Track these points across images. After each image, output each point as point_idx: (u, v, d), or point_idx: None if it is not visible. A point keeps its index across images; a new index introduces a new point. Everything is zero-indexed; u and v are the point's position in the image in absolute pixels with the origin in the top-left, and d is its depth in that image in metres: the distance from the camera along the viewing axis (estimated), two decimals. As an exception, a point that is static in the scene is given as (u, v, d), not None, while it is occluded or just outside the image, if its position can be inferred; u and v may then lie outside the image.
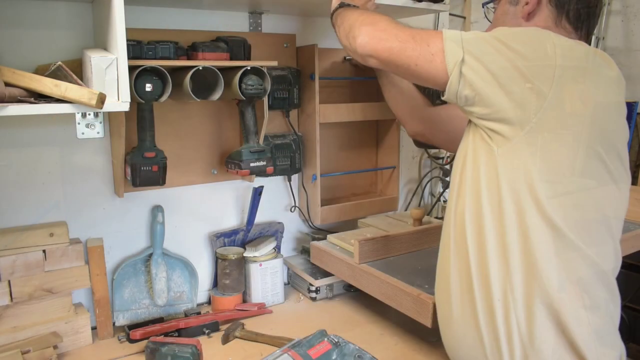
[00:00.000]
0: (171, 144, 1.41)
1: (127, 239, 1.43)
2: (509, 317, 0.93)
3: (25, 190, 1.27)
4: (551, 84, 0.87)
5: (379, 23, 1.02)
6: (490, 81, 0.89)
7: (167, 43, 1.24)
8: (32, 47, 1.21)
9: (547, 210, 0.90)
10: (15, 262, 1.21)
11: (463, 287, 1.00)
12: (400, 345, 1.33)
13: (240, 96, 1.32)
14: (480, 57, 0.90)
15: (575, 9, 1.02)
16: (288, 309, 1.54)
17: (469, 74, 0.90)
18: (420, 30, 0.98)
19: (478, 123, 0.95)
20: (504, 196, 0.92)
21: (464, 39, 0.92)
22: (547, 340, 0.92)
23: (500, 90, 0.89)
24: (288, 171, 1.60)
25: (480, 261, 0.96)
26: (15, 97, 0.93)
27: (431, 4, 1.47)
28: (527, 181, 0.90)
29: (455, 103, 0.96)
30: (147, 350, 1.19)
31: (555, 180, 0.90)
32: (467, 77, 0.90)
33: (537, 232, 0.91)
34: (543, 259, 0.91)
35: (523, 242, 0.92)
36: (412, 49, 0.95)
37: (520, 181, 0.90)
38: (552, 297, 0.91)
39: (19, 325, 1.23)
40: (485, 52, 0.90)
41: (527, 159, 0.90)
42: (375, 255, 1.41)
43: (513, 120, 0.89)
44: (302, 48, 1.59)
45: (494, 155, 0.92)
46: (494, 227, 0.94)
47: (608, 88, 0.94)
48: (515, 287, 0.93)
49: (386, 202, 1.80)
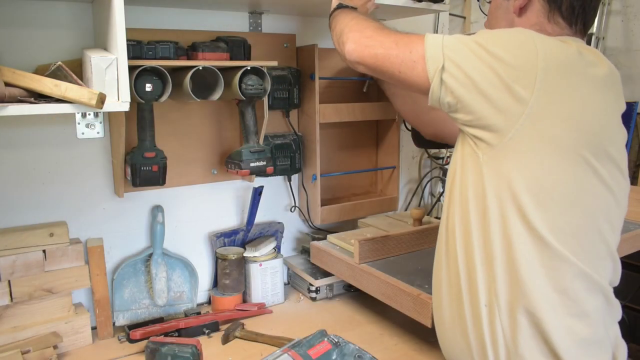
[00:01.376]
0: (171, 144, 1.41)
1: (127, 239, 1.43)
2: (494, 324, 0.93)
3: (25, 190, 1.27)
4: (532, 89, 0.84)
5: (366, 30, 1.01)
6: (471, 88, 0.87)
7: (167, 43, 1.24)
8: (32, 47, 1.21)
9: (530, 219, 0.88)
10: (15, 262, 1.21)
11: (452, 292, 1.00)
12: (400, 345, 1.33)
13: (240, 96, 1.32)
14: (460, 63, 0.88)
15: (569, 3, 0.98)
16: (288, 309, 1.54)
17: (449, 81, 0.89)
18: (404, 36, 0.96)
19: (463, 129, 0.94)
20: (489, 204, 0.91)
21: (445, 45, 0.90)
22: (530, 348, 0.91)
23: (481, 97, 0.87)
24: (288, 171, 1.60)
25: (468, 267, 0.95)
26: (15, 97, 0.93)
27: (431, 4, 1.47)
28: (511, 189, 0.88)
29: (440, 109, 0.95)
30: (147, 350, 1.19)
31: (539, 189, 0.87)
32: (448, 84, 0.89)
33: (520, 241, 0.89)
34: (526, 267, 0.89)
35: (506, 250, 0.90)
36: (395, 56, 0.94)
37: (504, 189, 0.89)
38: (534, 305, 0.89)
39: (19, 325, 1.23)
40: (466, 57, 0.88)
41: (511, 167, 0.88)
42: (375, 255, 1.41)
43: (496, 126, 0.87)
44: (302, 48, 1.59)
45: (480, 162, 0.91)
46: (480, 234, 0.93)
47: (597, 89, 0.90)
48: (500, 294, 0.92)
49: (386, 202, 1.80)
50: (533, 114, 0.85)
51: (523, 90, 0.84)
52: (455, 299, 0.99)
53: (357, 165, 1.82)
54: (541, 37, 0.90)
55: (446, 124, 1.42)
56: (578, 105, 0.87)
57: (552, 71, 0.85)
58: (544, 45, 0.87)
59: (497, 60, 0.86)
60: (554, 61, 0.86)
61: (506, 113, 0.86)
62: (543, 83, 0.84)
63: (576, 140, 0.87)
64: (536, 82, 0.84)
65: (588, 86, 0.89)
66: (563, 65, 0.87)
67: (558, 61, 0.87)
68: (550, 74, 0.85)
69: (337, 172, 1.74)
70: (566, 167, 0.88)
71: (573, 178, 0.88)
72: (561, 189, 0.88)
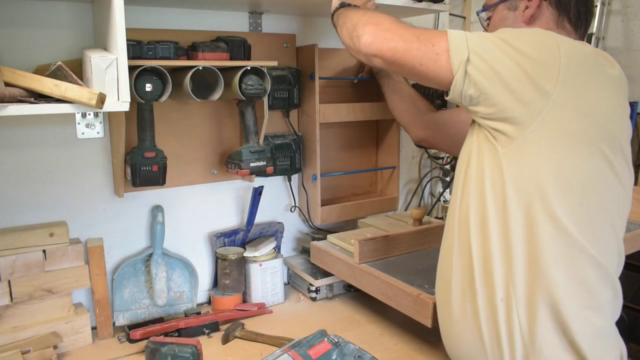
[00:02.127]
0: (171, 144, 1.41)
1: (127, 239, 1.43)
2: (511, 317, 0.93)
3: (25, 190, 1.27)
4: (556, 83, 0.87)
5: (383, 23, 1.01)
6: (495, 80, 0.89)
7: (167, 43, 1.24)
8: (32, 47, 1.21)
9: (554, 210, 0.90)
10: (15, 262, 1.21)
11: (465, 286, 0.99)
12: (400, 345, 1.33)
13: (240, 96, 1.32)
14: (485, 56, 0.90)
15: (576, 9, 1.03)
16: (288, 309, 1.54)
17: (474, 73, 0.90)
18: (424, 30, 0.98)
19: (482, 123, 0.95)
20: (508, 196, 0.92)
21: (468, 39, 0.92)
22: (548, 341, 0.92)
23: (505, 89, 0.89)
24: (288, 171, 1.60)
25: (484, 261, 0.96)
26: (15, 97, 0.93)
27: (431, 4, 1.48)
28: (536, 180, 0.90)
29: (460, 103, 0.96)
30: (147, 350, 1.19)
31: (561, 180, 0.90)
32: (473, 76, 0.90)
33: (544, 232, 0.90)
34: (548, 258, 0.90)
35: (528, 241, 0.91)
36: (417, 49, 0.95)
37: (527, 180, 0.90)
38: (554, 298, 0.91)
39: (19, 325, 1.23)
40: (490, 51, 0.90)
41: (535, 159, 0.90)
42: (375, 255, 1.41)
43: (518, 119, 0.89)
44: (302, 48, 1.59)
45: (498, 155, 0.93)
46: (498, 227, 0.94)
47: (611, 87, 0.94)
48: (518, 286, 0.92)
49: (386, 202, 1.80)
50: (555, 107, 0.87)
51: (547, 84, 0.87)
52: (468, 293, 0.99)
53: (357, 165, 1.82)
54: (560, 36, 0.93)
55: (439, 129, 1.42)
56: (596, 101, 0.90)
57: (573, 67, 0.88)
58: (565, 43, 0.91)
59: (521, 55, 0.88)
60: (575, 58, 0.89)
61: (529, 106, 0.88)
62: (565, 77, 0.87)
63: (595, 134, 0.90)
64: (559, 76, 0.87)
65: (604, 83, 0.92)
66: (582, 62, 0.90)
67: (578, 58, 0.90)
68: (571, 70, 0.88)
69: (337, 172, 1.74)
70: (585, 159, 0.90)
71: (592, 170, 0.91)
72: (580, 180, 0.90)
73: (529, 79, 0.87)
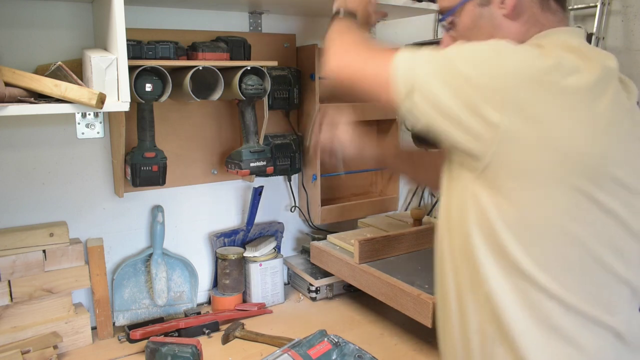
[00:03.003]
0: (171, 144, 1.41)
1: (127, 239, 1.43)
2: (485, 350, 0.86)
3: (25, 190, 1.27)
4: (502, 111, 0.74)
5: (347, 47, 0.97)
6: (437, 115, 0.80)
7: (167, 43, 1.24)
8: (32, 47, 1.21)
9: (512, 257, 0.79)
10: (15, 262, 1.21)
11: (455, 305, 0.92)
12: (400, 345, 1.33)
13: (240, 96, 1.32)
14: (427, 89, 0.80)
15: None
16: (288, 309, 1.54)
17: (416, 108, 0.82)
18: (381, 54, 0.90)
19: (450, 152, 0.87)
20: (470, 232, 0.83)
21: (416, 65, 0.83)
22: None
23: (450, 123, 0.79)
24: (288, 171, 1.60)
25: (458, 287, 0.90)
26: (15, 97, 0.93)
27: (431, 4, 1.47)
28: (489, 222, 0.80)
29: None
30: (147, 350, 1.19)
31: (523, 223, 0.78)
32: (416, 109, 0.82)
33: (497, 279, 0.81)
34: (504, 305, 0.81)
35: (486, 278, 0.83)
36: (370, 76, 0.89)
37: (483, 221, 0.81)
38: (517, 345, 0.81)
39: (19, 325, 1.23)
40: (433, 82, 0.80)
41: (489, 198, 0.79)
42: (375, 255, 1.41)
43: (471, 151, 0.79)
44: (302, 48, 1.59)
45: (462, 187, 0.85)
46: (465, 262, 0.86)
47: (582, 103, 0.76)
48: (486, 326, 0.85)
49: (386, 202, 1.80)
50: (507, 139, 0.75)
51: (492, 113, 0.74)
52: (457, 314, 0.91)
53: (357, 165, 1.82)
54: (515, 49, 0.79)
55: None
56: (562, 127, 0.75)
57: (523, 90, 0.74)
58: (514, 59, 0.77)
59: (466, 81, 0.77)
60: (526, 78, 0.75)
61: (479, 139, 0.77)
62: (513, 104, 0.74)
63: (564, 167, 0.75)
64: (504, 102, 0.74)
65: (572, 102, 0.76)
66: (537, 82, 0.75)
67: (531, 77, 0.75)
68: (521, 93, 0.74)
69: (337, 172, 1.74)
70: (555, 199, 0.77)
71: (563, 210, 0.77)
72: (549, 221, 0.78)
73: (471, 109, 0.76)
